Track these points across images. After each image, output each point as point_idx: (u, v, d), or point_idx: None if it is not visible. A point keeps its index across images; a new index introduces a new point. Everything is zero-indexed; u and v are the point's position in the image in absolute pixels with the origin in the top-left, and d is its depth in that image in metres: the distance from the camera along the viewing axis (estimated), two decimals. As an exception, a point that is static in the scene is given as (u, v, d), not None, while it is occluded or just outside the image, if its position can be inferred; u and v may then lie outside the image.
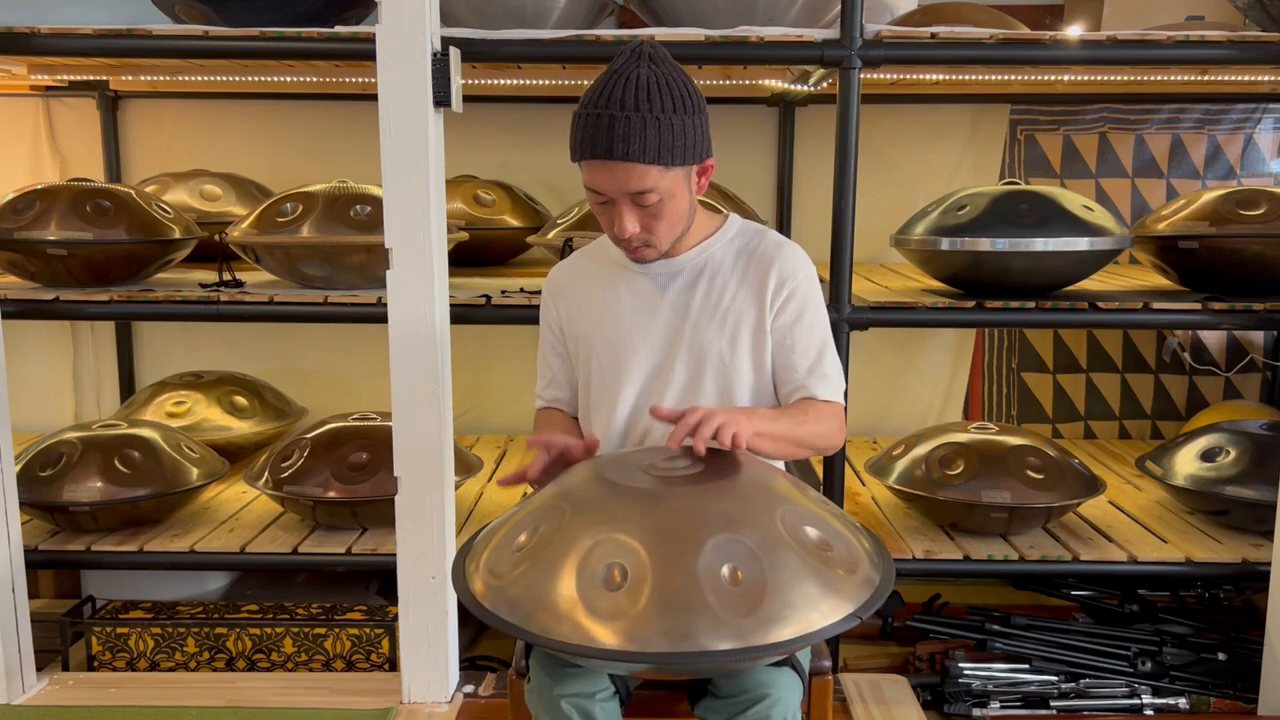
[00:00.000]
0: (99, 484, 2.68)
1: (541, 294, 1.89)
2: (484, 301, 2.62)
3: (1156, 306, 2.62)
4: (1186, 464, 2.79)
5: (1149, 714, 2.57)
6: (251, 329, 3.63)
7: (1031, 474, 2.62)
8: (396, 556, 2.38)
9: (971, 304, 2.63)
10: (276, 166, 3.57)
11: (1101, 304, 2.61)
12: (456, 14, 2.59)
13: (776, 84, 3.25)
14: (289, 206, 2.73)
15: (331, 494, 2.68)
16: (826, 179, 2.53)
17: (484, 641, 3.05)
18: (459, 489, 2.76)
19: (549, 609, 1.32)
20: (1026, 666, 2.65)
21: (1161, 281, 2.95)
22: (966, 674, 2.60)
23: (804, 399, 1.72)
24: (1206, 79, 3.10)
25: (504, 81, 3.25)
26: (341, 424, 2.85)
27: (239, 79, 3.25)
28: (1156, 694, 2.59)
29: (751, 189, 3.57)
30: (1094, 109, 3.58)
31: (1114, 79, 3.16)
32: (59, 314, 2.78)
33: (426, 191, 2.24)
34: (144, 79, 3.36)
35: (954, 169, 3.61)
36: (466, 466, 2.90)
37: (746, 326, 1.73)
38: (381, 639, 2.71)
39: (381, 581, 3.11)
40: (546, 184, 3.59)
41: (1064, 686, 2.62)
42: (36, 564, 2.67)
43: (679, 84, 1.60)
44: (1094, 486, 2.70)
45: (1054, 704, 2.59)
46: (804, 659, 1.59)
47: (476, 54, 2.43)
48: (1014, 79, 3.12)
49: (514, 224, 3.27)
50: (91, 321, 3.62)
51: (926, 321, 2.83)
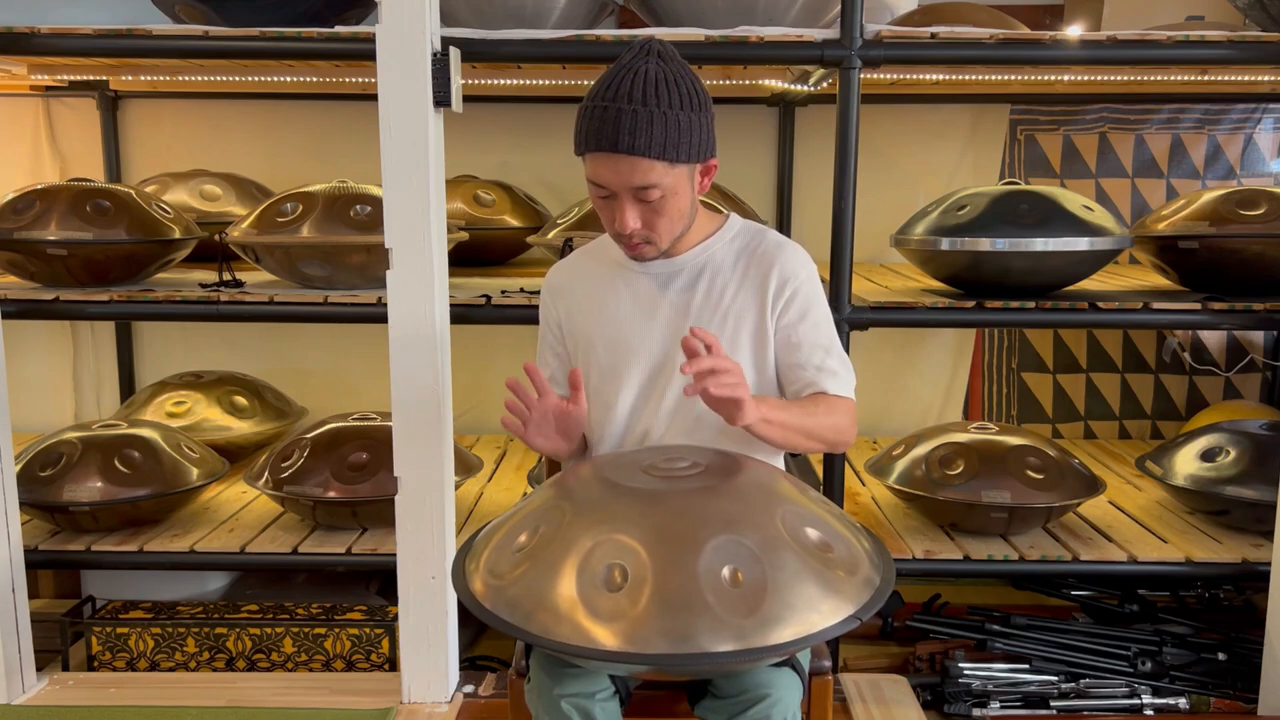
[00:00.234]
0: (99, 484, 2.68)
1: (541, 293, 1.89)
2: (484, 301, 2.62)
3: (1156, 306, 2.62)
4: (1186, 464, 2.79)
5: (1149, 714, 2.57)
6: (251, 329, 3.63)
7: (1031, 474, 2.62)
8: (396, 556, 2.38)
9: (971, 304, 2.63)
10: (276, 166, 3.57)
11: (1101, 304, 2.61)
12: (456, 14, 2.59)
13: (776, 84, 3.25)
14: (289, 206, 2.73)
15: (331, 494, 2.68)
16: (826, 179, 2.53)
17: (484, 641, 3.05)
18: (459, 489, 2.77)
19: (549, 609, 1.31)
20: (1026, 666, 2.65)
21: (1161, 281, 2.95)
22: (966, 674, 2.60)
23: (815, 393, 1.70)
24: (1206, 79, 3.10)
25: (504, 81, 3.25)
26: (341, 424, 2.85)
27: (239, 79, 3.25)
28: (1156, 694, 2.59)
29: (751, 189, 3.57)
30: (1094, 109, 3.58)
31: (1114, 79, 3.16)
32: (59, 314, 2.78)
33: (426, 191, 2.24)
34: (144, 79, 3.36)
35: (954, 169, 3.61)
36: (466, 466, 2.90)
37: (747, 326, 1.72)
38: (381, 639, 2.71)
39: (381, 581, 3.11)
40: (546, 184, 3.59)
41: (1064, 686, 2.62)
42: (36, 564, 2.67)
43: (687, 81, 1.60)
44: (1094, 486, 2.70)
45: (1054, 704, 2.59)
46: (804, 659, 1.59)
47: (476, 54, 2.42)
48: (1014, 79, 3.12)
49: (514, 224, 3.27)
50: (91, 321, 3.62)
51: (926, 321, 2.83)
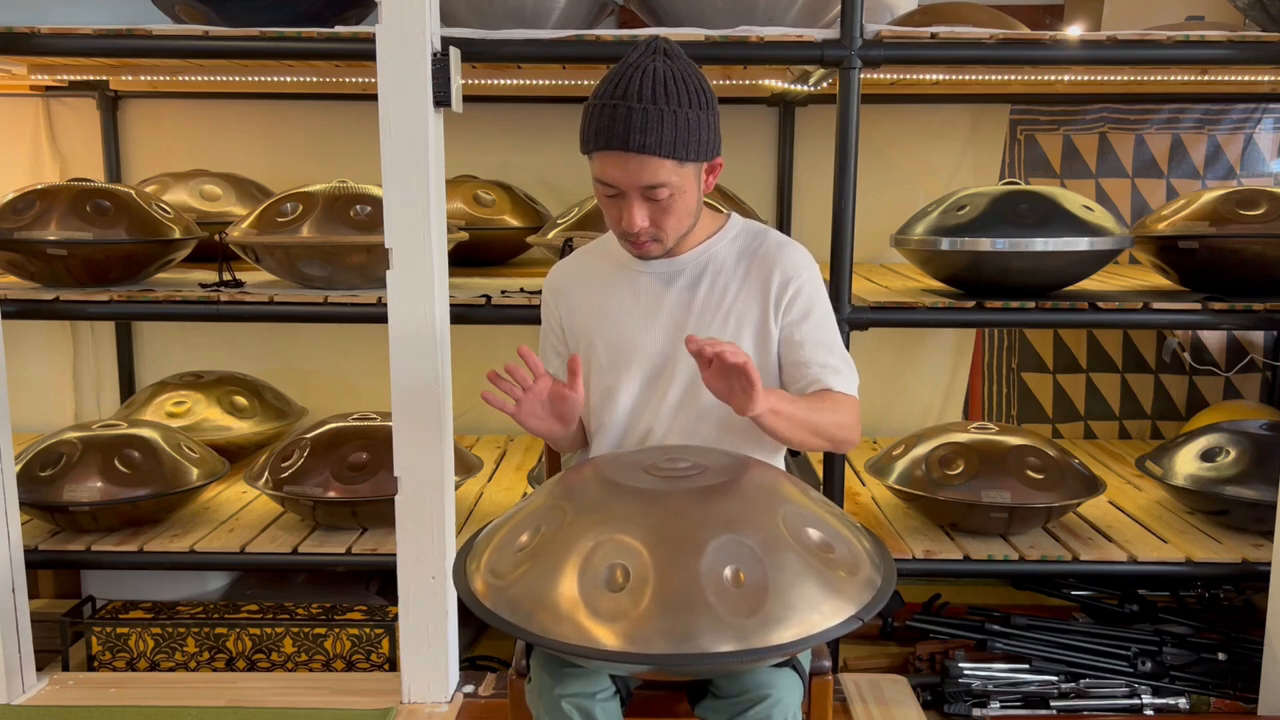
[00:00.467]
0: (99, 484, 2.68)
1: (542, 293, 1.89)
2: (484, 301, 2.62)
3: (1156, 306, 2.62)
4: (1186, 464, 2.79)
5: (1149, 714, 2.57)
6: (251, 329, 3.63)
7: (1031, 474, 2.62)
8: (396, 556, 2.38)
9: (971, 304, 2.63)
10: (276, 166, 3.57)
11: (1101, 304, 2.61)
12: (456, 14, 2.59)
13: (776, 84, 3.25)
14: (289, 206, 2.73)
15: (331, 494, 2.68)
16: (826, 179, 2.53)
17: (484, 641, 3.05)
18: (459, 489, 2.77)
19: (550, 609, 1.31)
20: (1026, 666, 2.65)
21: (1161, 281, 2.95)
22: (966, 674, 2.60)
23: (821, 390, 1.70)
24: (1206, 79, 3.10)
25: (504, 81, 3.25)
26: (341, 424, 2.85)
27: (239, 79, 3.25)
28: (1156, 694, 2.59)
29: (751, 189, 3.57)
30: (1094, 109, 3.58)
31: (1114, 79, 3.16)
32: (59, 314, 2.77)
33: (426, 191, 2.24)
34: (144, 79, 3.36)
35: (954, 169, 3.61)
36: (466, 466, 2.90)
37: (749, 326, 1.73)
38: (381, 639, 2.71)
39: (381, 581, 3.11)
40: (546, 184, 3.59)
41: (1064, 686, 2.62)
42: (36, 564, 2.67)
43: (695, 79, 1.60)
44: (1094, 486, 2.70)
45: (1054, 704, 2.59)
46: (804, 659, 1.59)
47: (476, 54, 2.42)
48: (1014, 79, 3.12)
49: (514, 224, 3.27)
50: (91, 321, 3.62)
51: (926, 321, 2.83)
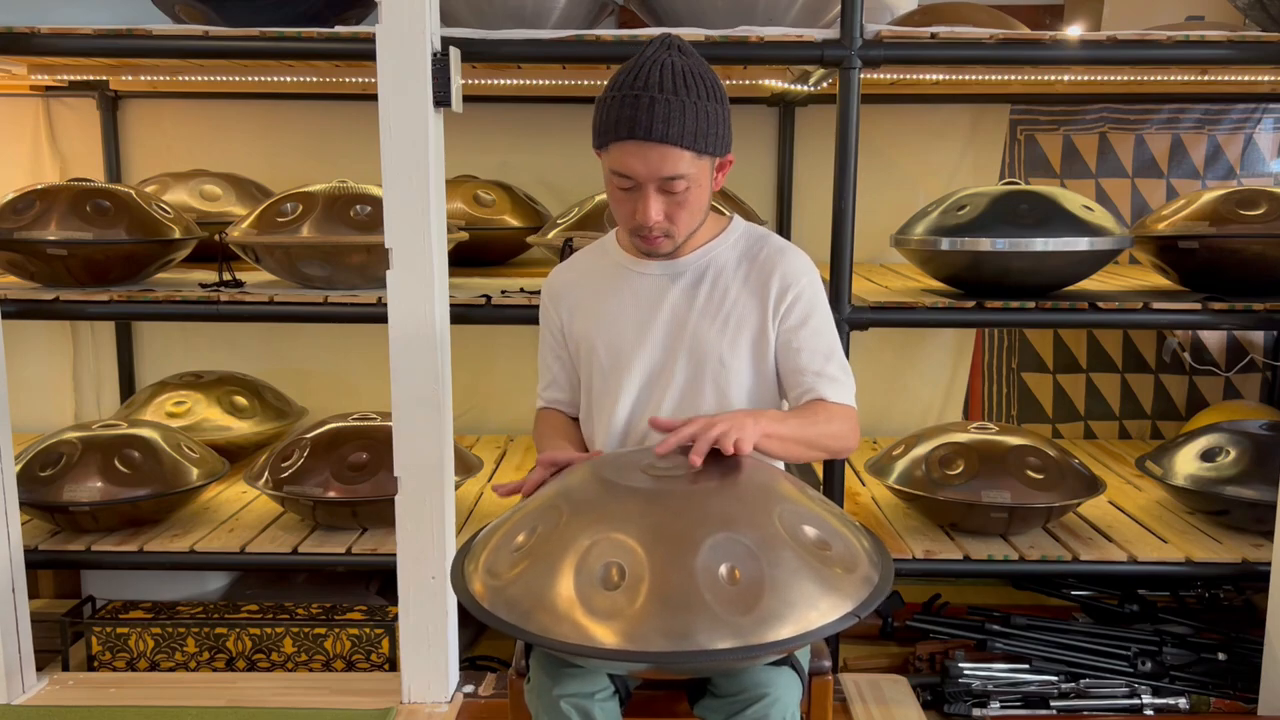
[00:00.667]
0: (99, 484, 2.68)
1: (541, 297, 1.89)
2: (484, 301, 2.62)
3: (1156, 306, 2.61)
4: (1186, 464, 2.79)
5: (1149, 714, 2.57)
6: (251, 329, 3.63)
7: (1031, 474, 2.62)
8: (396, 556, 2.38)
9: (971, 304, 2.63)
10: (276, 166, 3.57)
11: (1101, 304, 2.61)
12: (456, 14, 2.59)
13: (776, 84, 3.25)
14: (289, 206, 2.73)
15: (331, 494, 2.68)
16: (826, 179, 2.53)
17: (484, 641, 3.05)
18: (459, 489, 2.76)
19: (548, 608, 1.32)
20: (1026, 666, 2.65)
21: (1161, 281, 2.95)
22: (966, 674, 2.60)
23: (814, 400, 1.70)
24: (1206, 79, 3.10)
25: (504, 81, 3.25)
26: (341, 424, 2.85)
27: (239, 79, 3.25)
28: (1156, 694, 2.59)
29: (751, 189, 3.57)
30: (1094, 109, 3.58)
31: (1114, 79, 3.16)
32: (59, 314, 2.77)
33: (426, 191, 2.24)
34: (144, 79, 3.36)
35: (954, 169, 3.61)
36: (466, 466, 2.90)
37: (748, 330, 1.73)
38: (381, 639, 2.71)
39: (381, 581, 3.11)
40: (546, 184, 3.59)
41: (1064, 686, 2.62)
42: (36, 564, 2.67)
43: (710, 75, 1.61)
44: (1094, 486, 2.70)
45: (1054, 704, 2.59)
46: (803, 658, 1.59)
47: (476, 54, 2.43)
48: (1014, 79, 3.12)
49: (514, 224, 3.27)
50: (91, 321, 3.62)
51: (926, 321, 2.83)
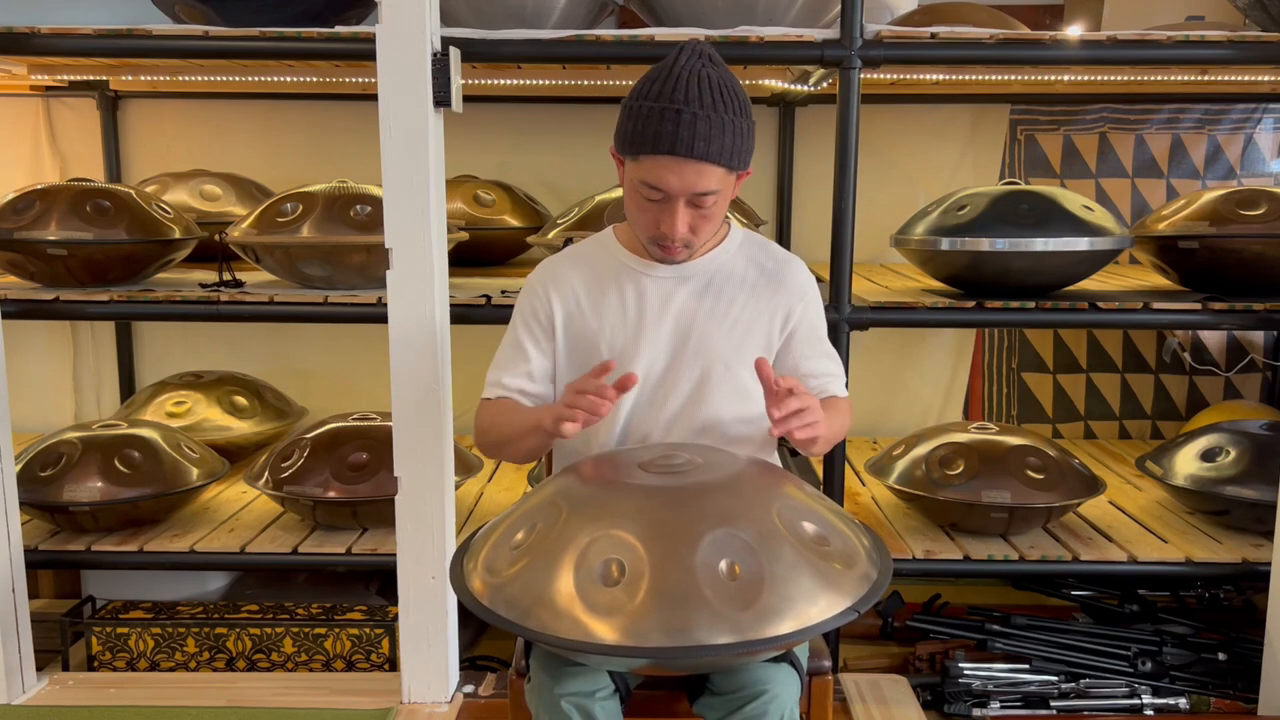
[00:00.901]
0: (99, 484, 2.68)
1: (529, 283, 1.81)
2: (484, 301, 2.62)
3: (1156, 306, 2.61)
4: (1186, 464, 2.79)
5: (1149, 714, 2.57)
6: (251, 329, 3.63)
7: (1031, 474, 2.62)
8: (396, 556, 2.38)
9: (971, 304, 2.63)
10: (276, 166, 3.57)
11: (1101, 304, 2.61)
12: (456, 14, 2.59)
13: (776, 84, 3.25)
14: (289, 206, 2.73)
15: (331, 494, 2.68)
16: (826, 179, 2.53)
17: (484, 641, 3.05)
18: (459, 489, 2.77)
19: (547, 605, 1.32)
20: (1026, 666, 2.65)
21: (1161, 281, 2.95)
22: (966, 674, 2.60)
23: (828, 398, 1.79)
24: (1206, 79, 3.10)
25: (504, 81, 3.25)
26: (341, 424, 2.85)
27: (239, 79, 3.25)
28: (1156, 694, 2.59)
29: (752, 189, 3.57)
30: (1094, 109, 3.58)
31: (1114, 79, 3.16)
32: (59, 314, 2.77)
33: (426, 191, 2.24)
34: (144, 79, 3.36)
35: (954, 169, 3.61)
36: (466, 466, 2.90)
37: (754, 338, 1.74)
38: (381, 639, 2.71)
39: (381, 581, 3.11)
40: (546, 184, 3.59)
41: (1064, 686, 2.62)
42: (36, 564, 2.67)
43: (740, 88, 1.61)
44: (1094, 486, 2.70)
45: (1054, 704, 2.59)
46: (801, 655, 1.59)
47: (476, 54, 2.43)
48: (1014, 79, 3.12)
49: (514, 224, 3.28)
50: (91, 321, 3.62)
51: (926, 321, 2.83)
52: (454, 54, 2.30)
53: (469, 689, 2.53)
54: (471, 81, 3.16)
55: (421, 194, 2.24)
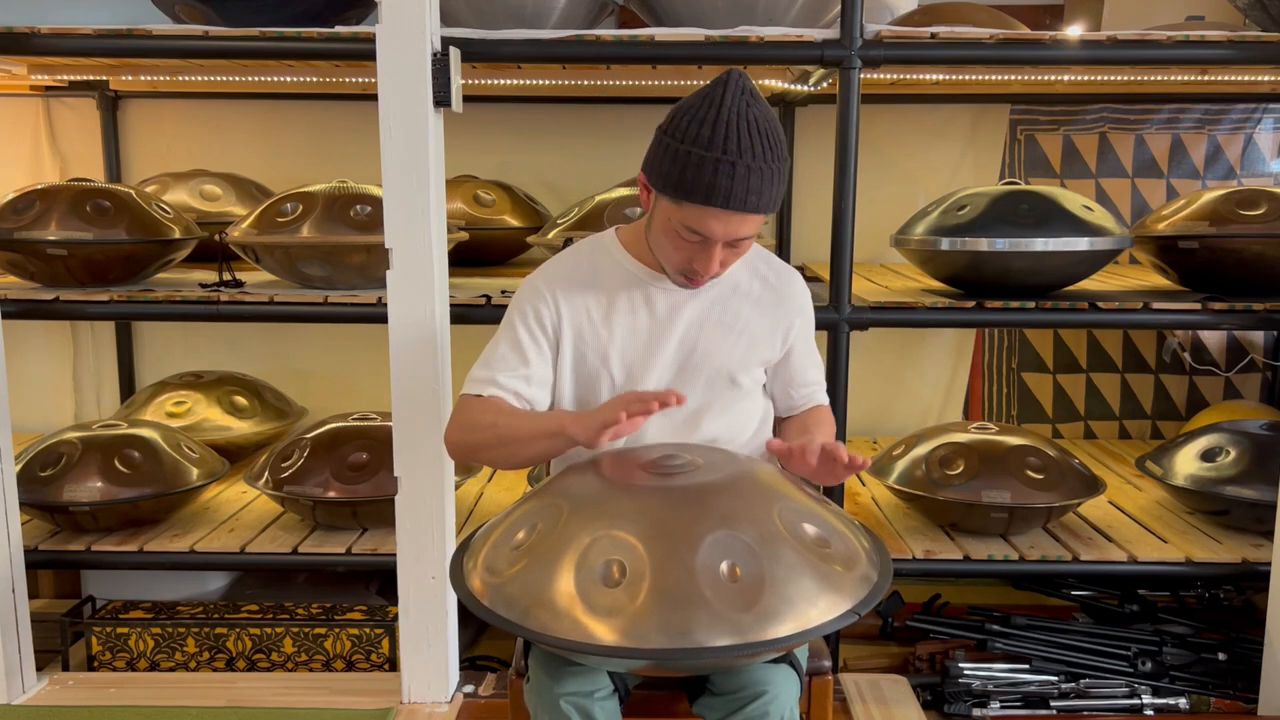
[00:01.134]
0: (99, 484, 2.68)
1: (532, 282, 1.74)
2: (484, 301, 2.62)
3: (1156, 306, 2.61)
4: (1186, 464, 2.79)
5: (1149, 714, 2.57)
6: (251, 329, 3.63)
7: (1031, 474, 2.62)
8: (396, 556, 2.38)
9: (971, 304, 2.63)
10: (276, 166, 3.57)
11: (1101, 304, 2.61)
12: (456, 14, 2.59)
13: (776, 84, 3.25)
14: (289, 206, 2.73)
15: (331, 494, 2.68)
16: (826, 179, 2.53)
17: (484, 641, 3.05)
18: (459, 489, 2.77)
19: (547, 606, 1.32)
20: (1026, 666, 2.65)
21: (1161, 281, 2.95)
22: (966, 674, 2.60)
23: (815, 407, 1.86)
24: (1206, 79, 3.10)
25: (504, 81, 3.25)
26: (341, 424, 2.85)
27: (239, 79, 3.25)
28: (1156, 694, 2.59)
29: (751, 189, 3.56)
30: (1094, 109, 3.58)
31: (1114, 79, 3.16)
32: (59, 314, 2.77)
33: (426, 191, 2.24)
34: (144, 79, 3.36)
35: (954, 169, 3.61)
36: (466, 466, 2.90)
37: (758, 349, 1.76)
38: (381, 639, 2.71)
39: (381, 581, 3.11)
40: (546, 184, 3.59)
41: (1064, 686, 2.62)
42: (36, 564, 2.67)
43: (778, 125, 1.59)
44: (1094, 486, 2.70)
45: (1054, 704, 2.59)
46: (802, 656, 1.59)
47: (476, 54, 2.42)
48: (1014, 79, 3.12)
49: (514, 224, 3.28)
50: (91, 321, 3.62)
51: (926, 321, 2.83)
52: (454, 54, 2.30)
53: (469, 689, 2.53)
54: (471, 81, 3.16)
55: (421, 194, 2.24)
